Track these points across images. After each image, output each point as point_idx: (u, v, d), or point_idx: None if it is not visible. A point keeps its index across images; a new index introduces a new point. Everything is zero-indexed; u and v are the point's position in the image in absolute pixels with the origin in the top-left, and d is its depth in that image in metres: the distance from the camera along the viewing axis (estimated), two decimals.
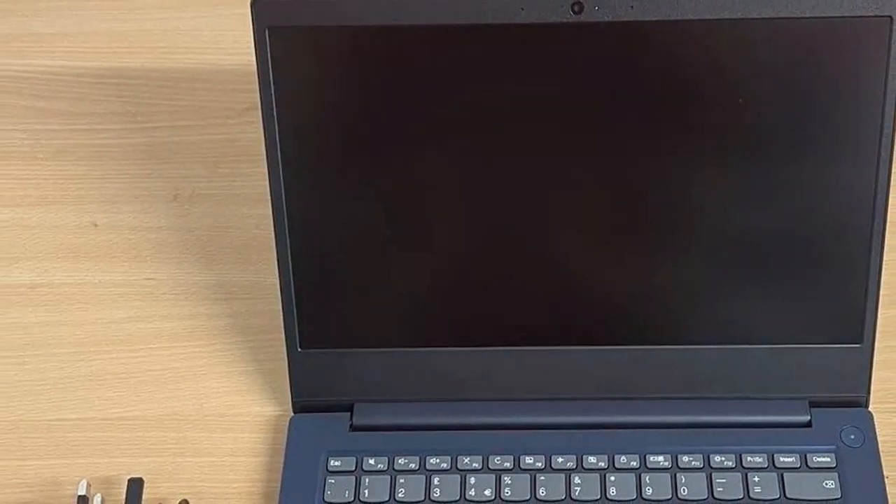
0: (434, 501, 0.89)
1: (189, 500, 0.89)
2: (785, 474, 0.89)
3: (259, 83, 0.86)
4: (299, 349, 0.92)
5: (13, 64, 1.15)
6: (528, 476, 0.90)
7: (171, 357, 0.98)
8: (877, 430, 0.91)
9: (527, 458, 0.90)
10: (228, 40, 1.15)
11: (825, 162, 0.87)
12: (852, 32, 0.84)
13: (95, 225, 1.05)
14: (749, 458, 0.89)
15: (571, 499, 0.88)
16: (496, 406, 0.92)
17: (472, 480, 0.90)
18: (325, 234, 0.90)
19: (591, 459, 0.90)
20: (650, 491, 0.89)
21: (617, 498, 0.88)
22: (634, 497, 0.88)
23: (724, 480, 0.89)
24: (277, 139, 0.87)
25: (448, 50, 0.85)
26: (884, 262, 0.89)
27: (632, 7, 0.84)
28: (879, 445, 0.90)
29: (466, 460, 0.90)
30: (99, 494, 0.90)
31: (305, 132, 0.88)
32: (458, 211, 0.90)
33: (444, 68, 0.86)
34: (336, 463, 0.91)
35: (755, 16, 0.84)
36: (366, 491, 0.89)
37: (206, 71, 1.13)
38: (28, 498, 0.92)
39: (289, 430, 0.93)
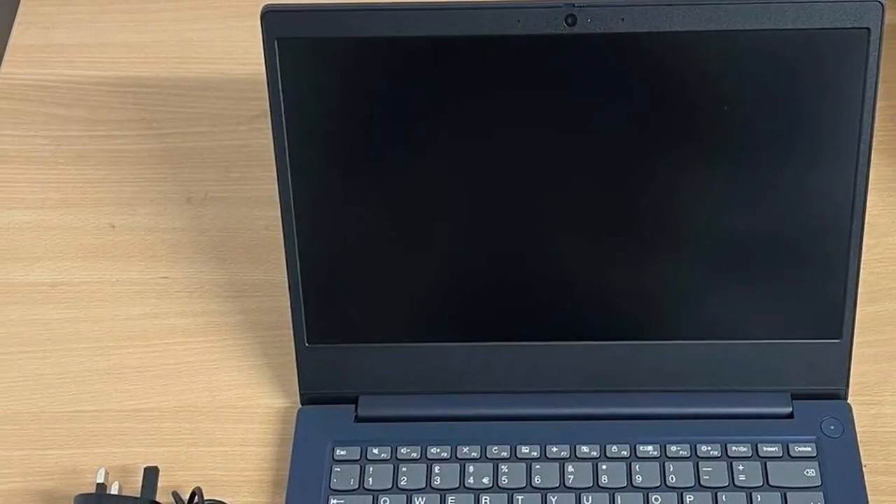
0: (435, 489, 0.89)
1: (202, 487, 0.89)
2: (768, 463, 0.89)
3: (268, 91, 0.86)
4: (307, 344, 0.92)
5: (35, 73, 1.15)
6: (523, 465, 0.90)
7: (185, 352, 0.98)
8: (855, 422, 0.91)
9: (522, 447, 0.90)
10: (239, 51, 1.15)
11: (807, 166, 0.88)
12: (832, 44, 0.84)
13: (113, 226, 1.05)
14: (734, 448, 0.90)
15: (565, 486, 0.89)
16: (494, 398, 0.92)
17: (471, 469, 0.90)
18: (332, 234, 0.90)
19: (584, 449, 0.90)
20: (640, 479, 0.89)
21: (608, 485, 0.89)
22: (625, 484, 0.89)
23: (710, 469, 0.89)
24: (286, 145, 0.87)
25: (448, 60, 0.85)
26: (862, 262, 0.89)
27: (622, 19, 0.84)
28: (858, 436, 0.91)
29: (465, 450, 0.90)
30: (116, 482, 0.90)
31: (312, 138, 0.88)
32: (457, 213, 0.90)
33: (444, 77, 0.86)
34: (342, 452, 0.91)
35: (740, 28, 0.84)
36: (370, 479, 0.90)
37: (218, 80, 1.14)
38: (49, 485, 0.92)
39: (297, 421, 0.93)
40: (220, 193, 1.07)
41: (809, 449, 0.90)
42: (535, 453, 0.90)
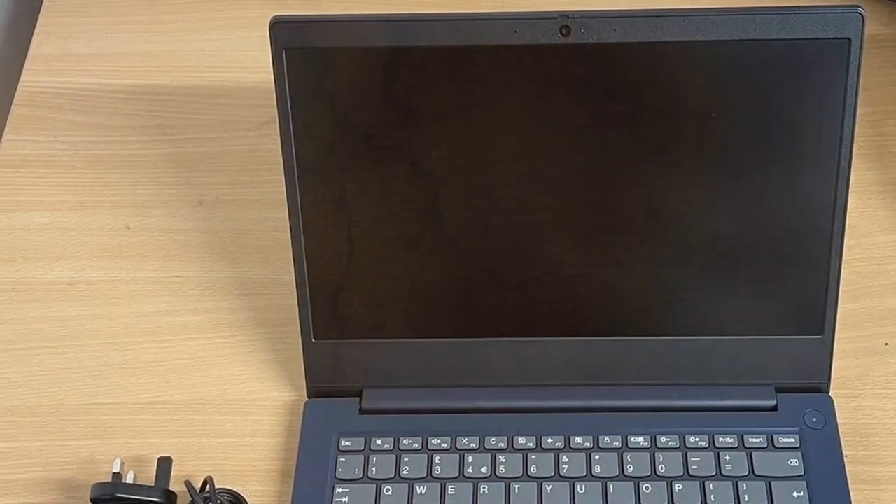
0: (435, 478, 0.89)
1: (213, 476, 0.89)
2: (753, 453, 0.89)
3: (277, 99, 0.87)
4: (313, 340, 0.92)
5: (54, 81, 1.15)
6: (520, 455, 0.90)
7: (197, 347, 0.99)
8: (836, 414, 0.91)
9: (519, 438, 0.90)
10: (249, 60, 1.15)
11: (790, 170, 0.88)
12: (815, 53, 0.84)
13: (128, 227, 1.06)
14: (720, 439, 0.90)
15: (560, 475, 0.89)
16: (492, 391, 0.93)
17: (470, 459, 0.90)
18: (337, 235, 0.90)
19: (578, 440, 0.90)
20: (631, 469, 0.89)
21: (601, 475, 0.89)
22: (617, 474, 0.89)
23: (698, 459, 0.89)
24: (293, 149, 0.88)
25: (447, 68, 0.85)
26: (843, 262, 0.89)
27: (614, 30, 0.84)
28: (839, 427, 0.91)
29: (465, 441, 0.91)
30: (132, 472, 0.90)
31: (318, 143, 0.88)
32: (456, 214, 0.90)
33: (444, 85, 0.86)
34: (346, 443, 0.91)
35: (727, 38, 0.84)
36: (373, 469, 0.90)
37: (229, 87, 1.14)
38: (67, 475, 0.92)
39: (304, 413, 0.93)
40: (230, 196, 1.07)
41: (793, 440, 0.90)
42: (531, 444, 0.90)
